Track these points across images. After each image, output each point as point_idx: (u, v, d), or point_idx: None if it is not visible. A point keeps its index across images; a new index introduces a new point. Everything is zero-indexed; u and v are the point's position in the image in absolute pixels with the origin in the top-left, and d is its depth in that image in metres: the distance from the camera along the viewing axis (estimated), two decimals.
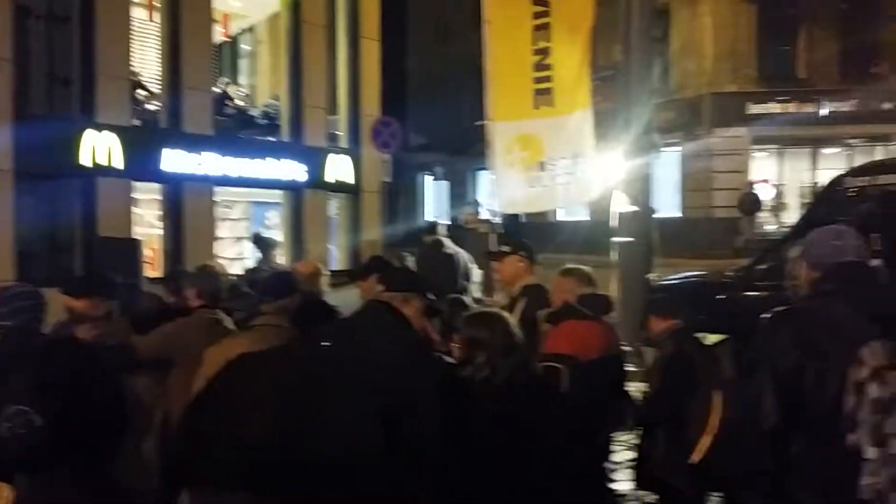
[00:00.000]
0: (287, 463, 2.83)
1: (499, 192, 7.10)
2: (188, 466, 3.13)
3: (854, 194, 7.78)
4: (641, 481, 4.65)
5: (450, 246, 7.62)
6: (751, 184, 22.05)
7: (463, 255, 7.52)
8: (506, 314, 3.71)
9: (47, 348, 3.99)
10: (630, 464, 4.88)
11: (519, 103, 7.03)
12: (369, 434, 2.86)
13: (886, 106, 21.84)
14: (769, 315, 2.80)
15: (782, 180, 23.39)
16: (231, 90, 17.10)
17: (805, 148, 23.09)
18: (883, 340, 2.53)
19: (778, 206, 23.18)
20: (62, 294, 4.31)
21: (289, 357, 3.10)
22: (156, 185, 14.79)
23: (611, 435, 4.58)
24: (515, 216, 11.55)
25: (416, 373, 2.99)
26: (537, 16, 7.17)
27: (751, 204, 21.49)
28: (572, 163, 7.00)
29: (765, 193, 22.51)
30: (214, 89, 15.94)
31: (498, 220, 7.71)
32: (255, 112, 17.25)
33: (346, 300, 4.31)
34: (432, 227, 8.20)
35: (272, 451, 2.84)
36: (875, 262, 3.76)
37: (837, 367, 2.56)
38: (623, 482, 6.49)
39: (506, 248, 5.09)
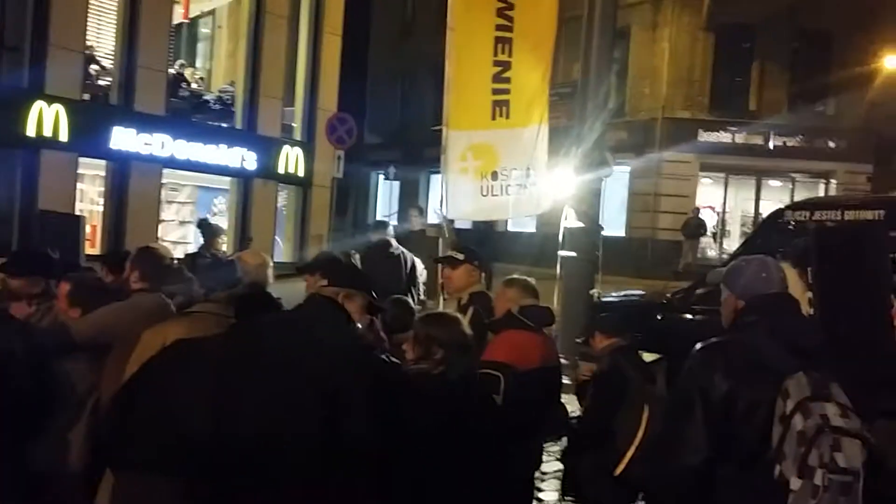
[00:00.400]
0: (219, 450, 2.82)
1: (449, 199, 7.14)
2: (117, 449, 3.09)
3: (793, 228, 7.98)
4: (567, 491, 4.71)
5: (397, 247, 7.64)
6: (696, 209, 22.48)
7: (409, 257, 7.54)
8: (460, 316, 3.77)
9: None
10: (557, 474, 4.95)
11: (476, 113, 7.08)
12: (303, 426, 2.86)
13: (831, 144, 22.49)
14: (699, 347, 2.86)
15: (727, 208, 23.90)
16: (187, 72, 16.88)
17: (751, 178, 23.63)
18: (806, 372, 2.62)
19: (721, 233, 23.67)
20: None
21: (227, 345, 3.07)
22: (101, 162, 14.52)
23: (543, 445, 4.64)
24: (489, 224, 11.48)
25: (354, 368, 3.00)
26: (500, 28, 7.24)
27: (695, 228, 21.90)
28: (524, 175, 7.08)
29: (709, 219, 22.97)
30: (169, 70, 15.72)
31: (450, 225, 7.75)
32: (209, 97, 17.06)
33: (291, 292, 4.29)
34: (382, 226, 8.21)
35: (205, 438, 2.83)
36: (809, 294, 3.89)
37: (764, 399, 2.62)
38: (550, 492, 6.57)
39: (459, 256, 5.10)
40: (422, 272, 7.54)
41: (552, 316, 4.67)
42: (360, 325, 3.22)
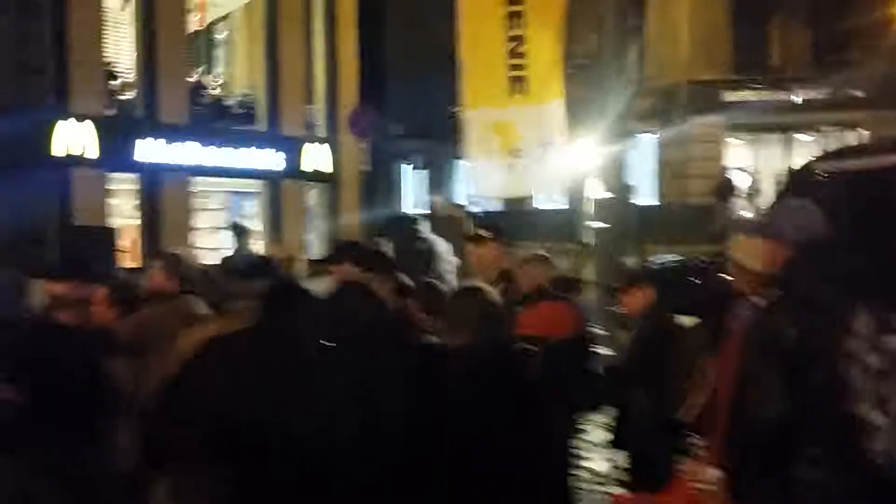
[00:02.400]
0: (257, 439, 2.89)
1: (477, 178, 7.14)
2: (162, 445, 3.18)
3: (822, 179, 7.87)
4: (619, 442, 4.71)
5: (425, 233, 7.67)
6: (726, 170, 22.24)
7: (439, 242, 7.57)
8: (488, 287, 3.79)
9: (29, 331, 4.06)
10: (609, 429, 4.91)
11: (494, 90, 7.07)
12: (341, 413, 2.91)
13: (858, 93, 22.08)
14: (766, 306, 2.86)
15: (757, 167, 23.58)
16: (207, 80, 17.02)
17: (779, 135, 23.29)
18: (866, 308, 2.63)
19: (753, 193, 23.37)
20: (43, 280, 4.34)
21: (259, 338, 3.14)
22: (132, 176, 14.71)
23: (578, 413, 4.65)
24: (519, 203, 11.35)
25: (391, 355, 3.03)
26: (511, 2, 7.22)
27: (726, 190, 21.62)
28: (544, 150, 7.06)
29: (740, 180, 22.69)
30: (189, 79, 15.86)
31: (477, 207, 7.79)
32: (231, 101, 17.17)
33: (323, 288, 4.34)
34: (412, 218, 8.28)
35: (242, 428, 2.90)
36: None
37: (830, 342, 2.65)
38: (599, 461, 6.58)
39: (486, 234, 5.13)
40: (448, 253, 7.53)
41: (579, 285, 4.70)
42: (392, 309, 3.25)
